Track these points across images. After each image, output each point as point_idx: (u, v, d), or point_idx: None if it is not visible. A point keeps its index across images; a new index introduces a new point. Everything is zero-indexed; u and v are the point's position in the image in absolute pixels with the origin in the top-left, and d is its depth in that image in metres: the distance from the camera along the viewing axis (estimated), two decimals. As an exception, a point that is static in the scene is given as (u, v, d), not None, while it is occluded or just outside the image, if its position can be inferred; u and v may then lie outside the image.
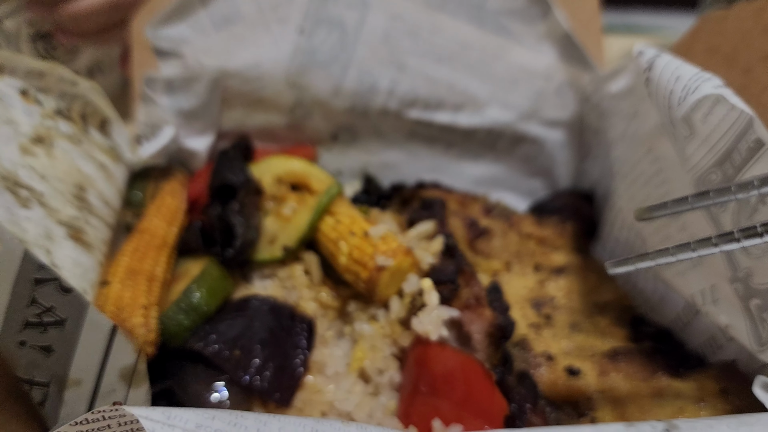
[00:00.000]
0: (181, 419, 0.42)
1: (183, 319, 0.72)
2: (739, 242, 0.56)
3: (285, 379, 0.70)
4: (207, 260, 0.78)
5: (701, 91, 0.65)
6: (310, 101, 0.99)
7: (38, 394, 0.60)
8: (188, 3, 0.88)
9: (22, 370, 0.59)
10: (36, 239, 0.67)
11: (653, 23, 1.71)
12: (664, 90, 0.70)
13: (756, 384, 0.62)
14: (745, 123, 0.61)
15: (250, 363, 0.69)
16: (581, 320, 0.80)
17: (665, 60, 0.72)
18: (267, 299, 0.76)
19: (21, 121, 0.72)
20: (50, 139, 0.75)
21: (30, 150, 0.72)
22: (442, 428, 0.65)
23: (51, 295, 0.59)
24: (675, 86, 0.68)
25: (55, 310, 0.59)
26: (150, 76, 0.91)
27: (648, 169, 0.81)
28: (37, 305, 0.59)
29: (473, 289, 0.75)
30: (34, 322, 0.59)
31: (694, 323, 0.80)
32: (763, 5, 0.80)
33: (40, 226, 0.68)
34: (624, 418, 0.69)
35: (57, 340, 0.60)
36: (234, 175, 0.80)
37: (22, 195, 0.68)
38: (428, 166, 1.08)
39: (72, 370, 0.60)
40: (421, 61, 0.96)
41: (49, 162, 0.74)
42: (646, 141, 0.81)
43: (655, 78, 0.72)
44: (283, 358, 0.71)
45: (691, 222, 0.74)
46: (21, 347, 0.58)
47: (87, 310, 0.60)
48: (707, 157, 0.67)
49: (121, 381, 0.62)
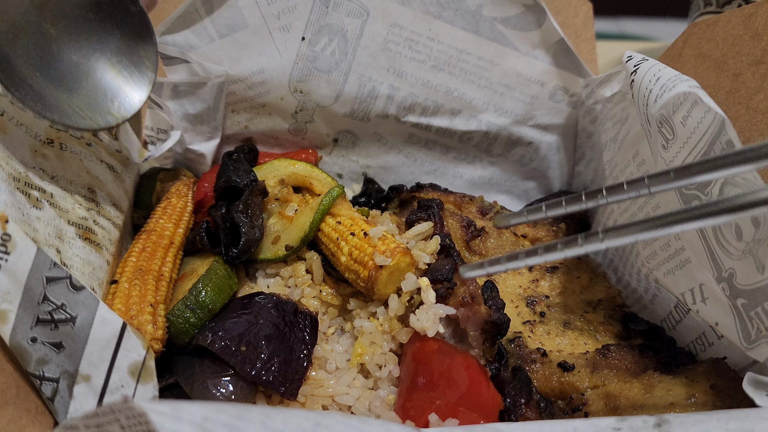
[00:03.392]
0: (188, 412, 0.42)
1: (190, 317, 0.74)
2: (582, 247, 0.57)
3: (290, 372, 0.72)
4: (213, 259, 0.80)
5: (676, 89, 0.66)
6: (312, 106, 1.01)
7: (48, 389, 0.62)
8: (193, 11, 0.91)
9: (33, 366, 0.60)
10: (47, 238, 0.69)
11: (645, 30, 1.73)
12: (645, 90, 0.71)
13: (745, 380, 0.63)
14: (718, 125, 0.62)
15: (256, 357, 0.70)
16: (574, 318, 0.82)
17: (650, 64, 0.74)
18: (271, 296, 0.78)
19: (32, 124, 0.73)
20: (60, 141, 0.77)
21: (41, 152, 0.74)
22: (438, 422, 0.67)
23: (62, 292, 0.60)
24: (654, 86, 0.70)
25: (66, 307, 0.61)
26: (156, 81, 0.93)
27: (635, 172, 0.83)
28: (48, 303, 0.60)
29: (469, 288, 0.76)
30: (45, 319, 0.60)
31: (685, 321, 0.81)
32: (752, 11, 0.82)
33: (50, 226, 0.70)
34: (616, 413, 0.70)
35: (67, 337, 0.61)
36: (239, 176, 0.82)
37: (33, 195, 0.70)
38: (426, 168, 1.10)
39: (82, 366, 0.62)
40: (419, 67, 0.98)
41: (60, 164, 0.76)
42: (633, 144, 0.83)
43: (638, 81, 0.74)
44: (288, 352, 0.73)
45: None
46: (32, 343, 0.60)
47: (98, 307, 0.62)
48: (689, 159, 0.68)
49: (130, 377, 0.64)
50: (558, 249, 0.58)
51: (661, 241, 0.80)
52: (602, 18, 1.07)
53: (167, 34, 0.91)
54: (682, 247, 0.77)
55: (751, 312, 0.67)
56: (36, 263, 0.59)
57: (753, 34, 0.81)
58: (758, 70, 0.80)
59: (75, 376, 0.61)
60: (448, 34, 0.97)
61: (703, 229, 0.71)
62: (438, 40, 0.97)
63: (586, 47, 1.02)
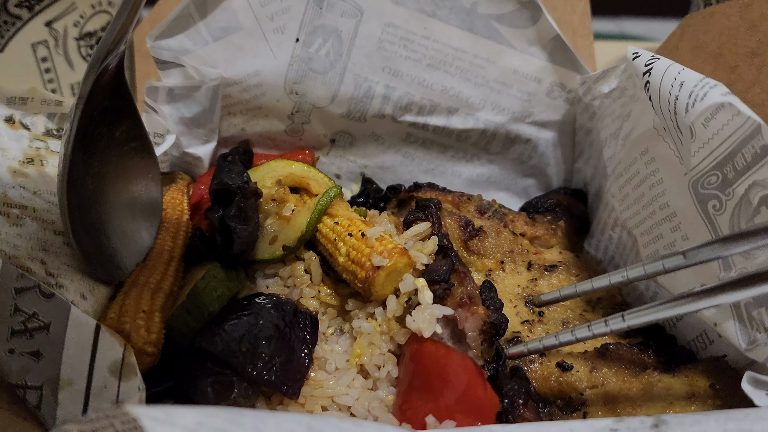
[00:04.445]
0: (182, 417, 0.42)
1: (190, 320, 0.74)
2: (606, 326, 0.68)
3: (292, 371, 0.72)
4: (211, 263, 0.80)
5: (710, 99, 0.66)
6: (308, 107, 1.01)
7: (33, 398, 0.62)
8: (187, 15, 0.91)
9: (14, 377, 0.61)
10: (29, 252, 0.69)
11: (645, 30, 1.72)
12: (668, 95, 0.71)
13: (744, 379, 0.62)
14: (752, 129, 0.63)
15: (257, 358, 0.70)
16: (573, 317, 0.81)
17: (664, 64, 0.73)
18: (271, 297, 0.78)
19: (9, 147, 0.74)
20: (41, 158, 0.77)
21: (20, 171, 0.74)
22: (435, 424, 0.66)
23: (33, 301, 0.61)
24: (680, 93, 0.69)
25: (39, 315, 0.61)
26: (151, 85, 0.93)
27: (643, 170, 0.82)
28: (20, 313, 0.61)
29: (467, 288, 0.76)
30: (19, 330, 0.61)
31: (685, 320, 0.81)
32: (749, 2, 0.81)
33: (33, 240, 0.71)
34: (615, 413, 0.70)
35: (44, 344, 0.61)
36: (231, 179, 0.83)
37: (13, 214, 0.70)
38: (424, 168, 1.09)
39: (63, 371, 0.62)
40: (415, 66, 0.98)
41: (42, 180, 0.76)
42: (641, 142, 0.82)
43: (656, 82, 0.73)
44: (289, 351, 0.73)
45: (686, 222, 0.76)
46: (10, 355, 0.61)
47: (69, 312, 0.62)
48: (707, 160, 0.68)
49: (112, 376, 0.64)
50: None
51: (666, 239, 0.80)
52: (602, 18, 1.06)
53: (161, 39, 0.91)
54: (685, 235, 0.76)
55: (753, 312, 0.66)
56: (2, 276, 0.59)
57: (749, 25, 0.81)
58: (754, 62, 0.79)
59: (57, 382, 0.62)
60: (443, 33, 0.96)
61: (708, 227, 0.71)
62: (433, 39, 0.97)
63: (583, 43, 1.01)
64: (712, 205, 0.70)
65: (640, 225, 0.84)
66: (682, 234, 0.77)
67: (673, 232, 0.78)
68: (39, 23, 1.01)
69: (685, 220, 0.75)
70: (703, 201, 0.71)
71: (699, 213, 0.72)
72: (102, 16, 1.05)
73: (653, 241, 0.82)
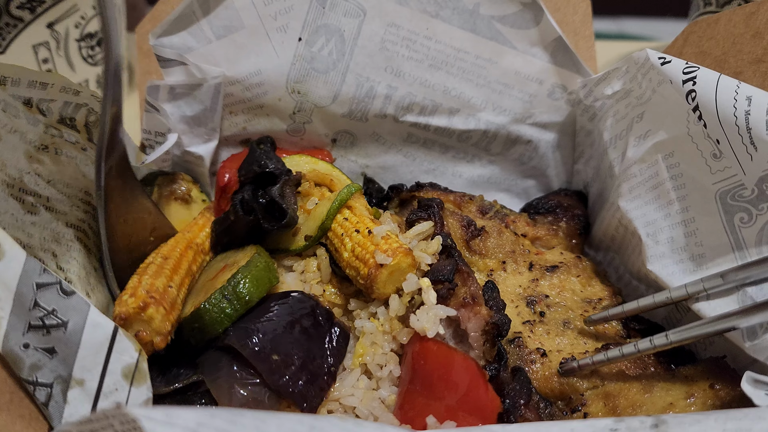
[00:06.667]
0: (182, 418, 0.42)
1: (226, 306, 0.73)
2: (651, 344, 0.70)
3: (315, 388, 0.71)
4: (254, 251, 0.79)
5: None
6: (310, 107, 1.01)
7: (42, 395, 0.62)
8: (190, 13, 0.91)
9: (26, 372, 0.61)
10: (42, 243, 0.69)
11: (645, 30, 1.72)
12: (732, 109, 0.69)
13: (744, 379, 0.63)
14: None
15: (286, 368, 0.70)
16: (574, 317, 0.82)
17: (711, 75, 0.72)
18: (308, 299, 0.77)
19: (27, 130, 0.73)
20: (55, 146, 0.77)
21: (36, 157, 0.74)
22: (435, 425, 0.67)
23: (53, 298, 0.61)
24: (751, 108, 0.68)
25: (57, 312, 0.61)
26: (153, 84, 0.93)
27: (663, 173, 0.81)
28: (39, 308, 0.61)
29: (470, 288, 0.76)
30: (37, 325, 0.61)
31: (686, 319, 0.81)
32: (753, 9, 0.81)
33: (46, 230, 0.70)
34: (615, 412, 0.70)
35: (60, 342, 0.61)
36: (275, 164, 0.84)
37: (28, 201, 0.70)
38: (425, 168, 1.10)
39: (75, 370, 0.62)
40: (417, 66, 0.98)
41: (56, 168, 0.76)
42: (666, 146, 0.81)
43: (708, 94, 0.72)
44: (317, 367, 0.72)
45: (704, 229, 0.76)
46: (25, 350, 0.60)
47: (89, 311, 0.62)
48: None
49: (124, 379, 0.64)
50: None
51: (678, 243, 0.81)
52: (602, 18, 1.06)
53: (164, 36, 0.91)
54: (700, 242, 0.77)
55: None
56: (26, 270, 0.59)
57: (754, 32, 0.81)
58: (759, 69, 0.79)
59: (69, 381, 0.62)
60: (446, 33, 0.96)
61: (730, 237, 0.73)
62: (435, 39, 0.97)
63: (584, 45, 1.01)
64: (740, 217, 0.71)
65: (649, 225, 0.84)
66: (696, 240, 0.77)
67: (687, 237, 0.78)
68: (41, 25, 1.01)
69: (703, 226, 0.76)
70: (729, 212, 0.72)
71: (723, 223, 0.73)
72: None
73: (663, 242, 0.82)
